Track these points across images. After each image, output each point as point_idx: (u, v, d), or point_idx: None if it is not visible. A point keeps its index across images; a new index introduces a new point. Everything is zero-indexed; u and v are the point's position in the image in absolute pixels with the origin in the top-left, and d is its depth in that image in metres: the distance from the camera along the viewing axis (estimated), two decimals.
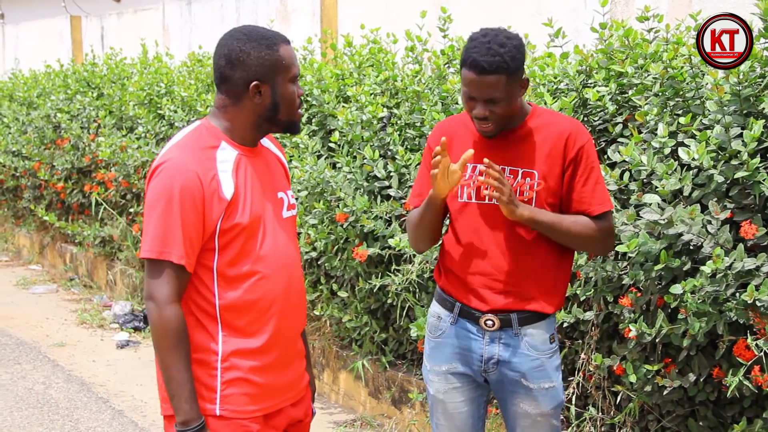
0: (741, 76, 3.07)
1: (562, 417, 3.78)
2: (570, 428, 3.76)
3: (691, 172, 3.15)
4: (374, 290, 4.60)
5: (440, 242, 2.89)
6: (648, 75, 3.55)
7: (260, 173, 2.44)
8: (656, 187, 3.16)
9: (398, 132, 4.56)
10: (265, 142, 2.54)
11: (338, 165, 4.65)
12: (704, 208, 3.15)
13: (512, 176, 2.68)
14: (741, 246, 2.92)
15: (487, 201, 2.70)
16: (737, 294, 2.96)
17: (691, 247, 3.13)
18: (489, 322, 2.73)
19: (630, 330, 3.25)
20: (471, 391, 2.86)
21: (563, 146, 2.65)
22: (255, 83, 2.33)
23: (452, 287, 2.80)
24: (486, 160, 2.55)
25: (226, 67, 2.34)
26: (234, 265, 2.35)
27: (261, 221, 2.39)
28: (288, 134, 2.52)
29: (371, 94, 4.79)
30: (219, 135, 2.38)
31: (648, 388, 3.37)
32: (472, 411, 2.88)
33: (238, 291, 2.36)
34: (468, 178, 2.73)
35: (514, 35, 2.63)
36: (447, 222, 2.89)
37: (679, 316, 3.15)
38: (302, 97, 2.44)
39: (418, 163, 4.24)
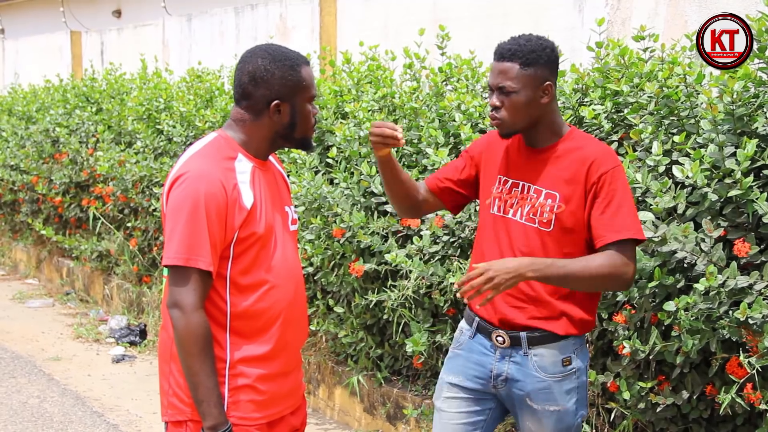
0: (735, 96, 3.10)
1: None
2: None
3: (685, 190, 3.17)
4: (370, 306, 4.61)
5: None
6: (643, 94, 3.58)
7: (270, 186, 2.50)
8: (650, 205, 3.18)
9: (396, 148, 4.58)
10: (270, 157, 2.59)
11: (335, 181, 4.67)
12: (698, 226, 3.16)
13: (535, 195, 2.67)
14: (734, 264, 2.94)
15: (510, 216, 2.71)
16: (730, 311, 2.97)
17: (685, 265, 3.14)
18: (500, 339, 2.73)
19: (624, 347, 3.26)
20: (468, 405, 2.83)
21: (586, 172, 2.61)
22: (276, 102, 2.40)
23: (474, 300, 2.78)
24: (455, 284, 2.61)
25: (249, 84, 2.40)
26: (247, 273, 2.39)
27: (273, 232, 2.44)
28: (301, 150, 2.60)
29: (369, 111, 4.82)
30: (236, 147, 2.44)
31: (642, 406, 3.37)
32: (466, 427, 2.84)
33: (249, 299, 2.40)
34: (499, 192, 2.75)
35: (548, 41, 2.68)
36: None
37: (673, 334, 3.16)
38: (315, 117, 2.50)
39: (417, 179, 4.26)
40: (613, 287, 2.66)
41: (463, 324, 2.91)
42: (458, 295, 2.55)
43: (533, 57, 2.60)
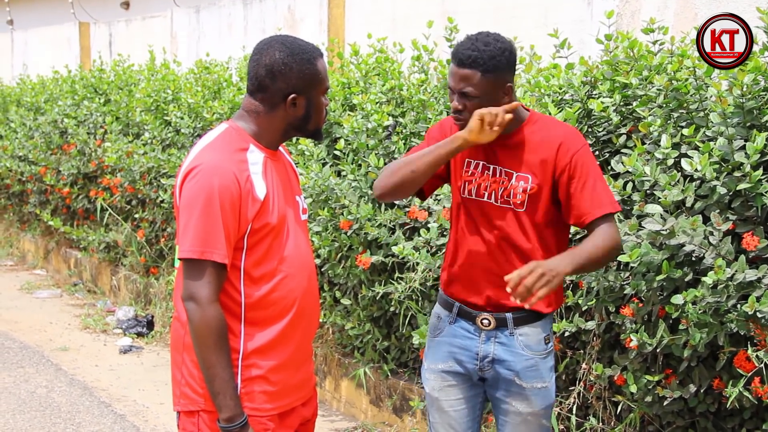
0: (744, 89, 3.08)
1: (562, 427, 3.79)
2: None
3: (693, 183, 3.16)
4: (377, 298, 4.61)
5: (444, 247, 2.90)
6: (652, 87, 3.57)
7: (282, 176, 2.50)
8: (659, 198, 3.17)
9: (403, 141, 4.58)
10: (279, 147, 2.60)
11: (343, 173, 4.67)
12: (706, 220, 3.15)
13: (507, 178, 2.72)
14: (742, 257, 2.93)
15: (485, 199, 2.74)
16: (738, 305, 2.96)
17: (693, 258, 3.14)
18: (485, 321, 2.77)
19: (631, 340, 3.25)
20: (466, 390, 2.88)
21: (555, 154, 2.68)
22: (293, 96, 2.40)
23: (453, 285, 2.85)
24: (506, 278, 2.49)
25: (267, 77, 2.40)
26: (260, 264, 2.40)
27: (285, 222, 2.45)
28: (312, 140, 2.60)
29: (377, 103, 4.81)
30: (247, 138, 2.44)
31: (648, 399, 3.37)
32: (467, 410, 2.90)
33: (263, 289, 2.40)
34: (471, 175, 2.78)
35: (505, 41, 2.67)
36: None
37: (680, 327, 3.15)
38: (327, 108, 2.51)
39: None
40: (613, 258, 2.73)
41: (439, 310, 2.93)
42: (511, 297, 2.49)
43: (493, 63, 2.61)
